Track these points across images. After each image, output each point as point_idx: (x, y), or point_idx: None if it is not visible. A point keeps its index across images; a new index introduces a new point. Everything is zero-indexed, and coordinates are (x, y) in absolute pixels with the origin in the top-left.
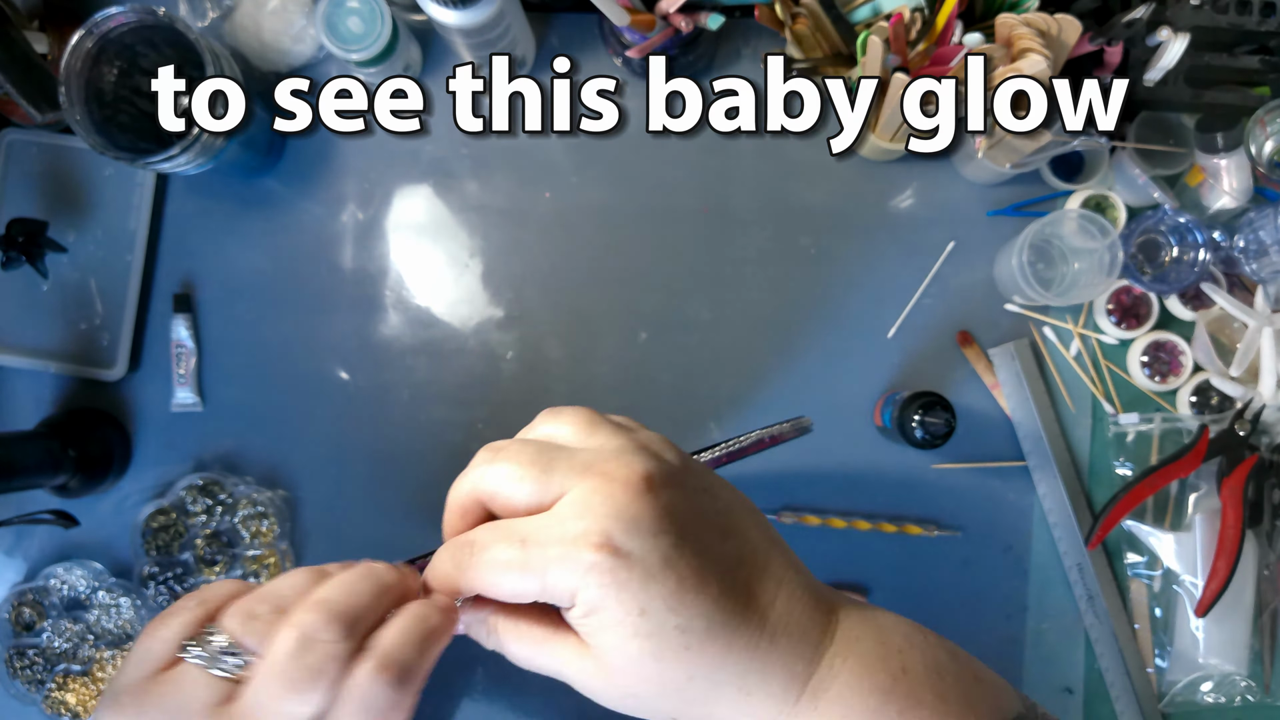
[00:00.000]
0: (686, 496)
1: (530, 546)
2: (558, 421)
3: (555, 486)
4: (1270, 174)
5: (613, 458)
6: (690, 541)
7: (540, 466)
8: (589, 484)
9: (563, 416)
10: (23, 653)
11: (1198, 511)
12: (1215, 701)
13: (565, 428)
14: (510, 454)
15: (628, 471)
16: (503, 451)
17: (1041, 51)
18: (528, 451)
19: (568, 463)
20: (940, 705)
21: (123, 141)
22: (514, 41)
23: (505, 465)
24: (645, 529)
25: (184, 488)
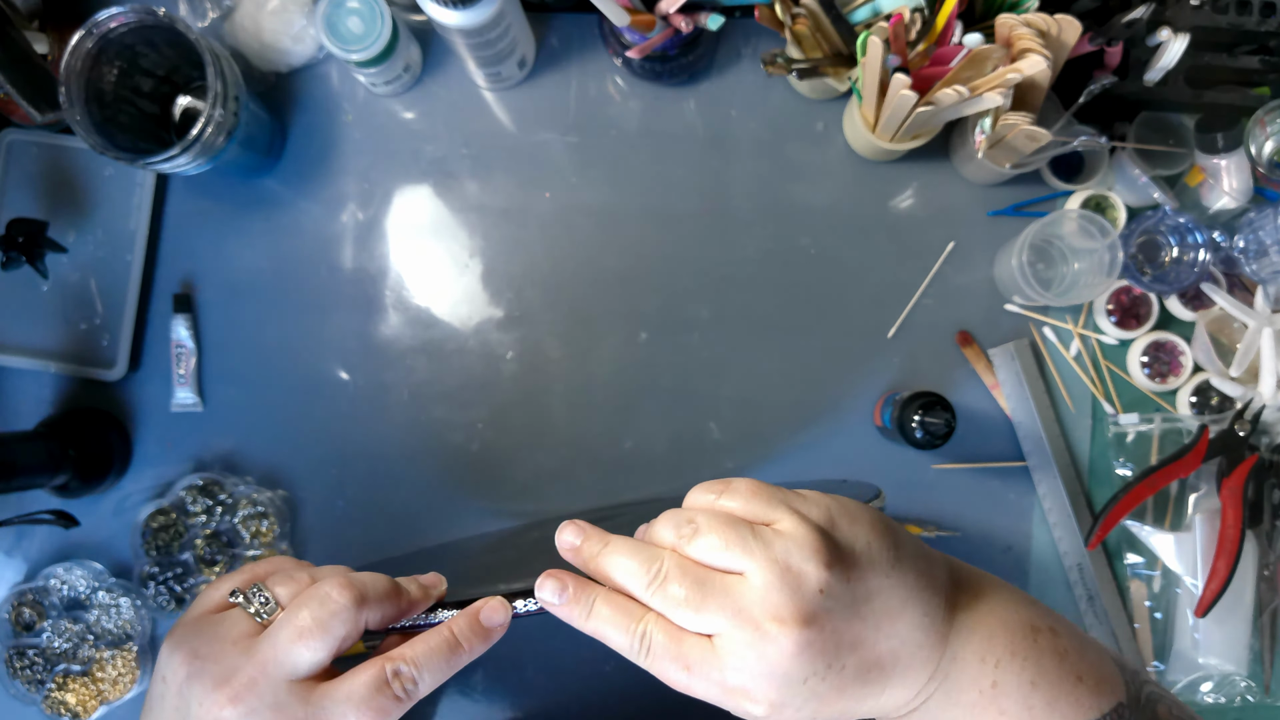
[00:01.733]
0: (835, 620)
1: (695, 678)
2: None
3: (707, 625)
4: (1270, 174)
5: (766, 599)
6: (834, 668)
7: (696, 604)
8: (746, 638)
9: (736, 492)
10: (23, 653)
11: (1198, 511)
12: (1215, 702)
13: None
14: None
15: (780, 628)
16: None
17: (1041, 51)
18: (688, 581)
19: (719, 603)
20: (1024, 715)
21: (123, 141)
22: (514, 42)
23: (666, 594)
24: (796, 680)
25: (184, 488)
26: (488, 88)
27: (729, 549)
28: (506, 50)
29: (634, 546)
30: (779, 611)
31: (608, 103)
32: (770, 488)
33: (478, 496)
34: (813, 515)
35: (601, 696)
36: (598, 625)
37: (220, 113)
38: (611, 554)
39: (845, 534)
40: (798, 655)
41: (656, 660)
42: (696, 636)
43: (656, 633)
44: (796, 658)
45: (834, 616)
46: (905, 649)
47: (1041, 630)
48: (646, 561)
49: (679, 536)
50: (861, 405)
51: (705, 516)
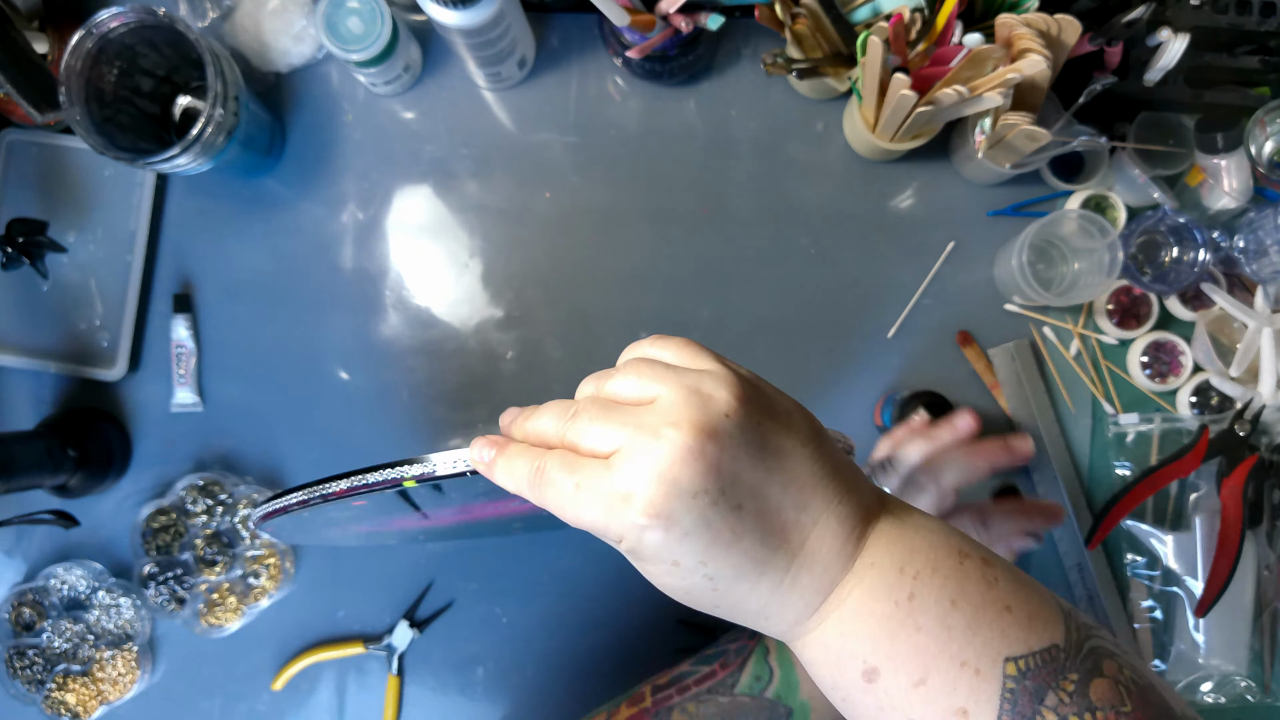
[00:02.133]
0: (736, 448)
1: (583, 492)
2: (659, 347)
3: (608, 439)
4: (1270, 174)
5: (669, 411)
6: (729, 497)
7: (601, 421)
8: (641, 443)
9: (667, 344)
10: (23, 653)
11: (1198, 511)
12: (1215, 702)
13: (666, 352)
14: (583, 411)
15: (677, 431)
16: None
17: (1041, 51)
18: (596, 407)
19: (623, 418)
20: (941, 634)
21: (123, 141)
22: (514, 42)
23: (576, 423)
24: (685, 490)
25: (184, 488)
26: (488, 88)
27: (643, 379)
28: (506, 50)
29: (556, 402)
30: (678, 419)
31: (608, 103)
32: (706, 348)
33: None
34: (742, 370)
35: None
36: (506, 472)
37: (220, 113)
38: (536, 412)
39: (769, 392)
40: (689, 460)
41: (549, 483)
42: (592, 458)
43: (552, 461)
44: (687, 463)
45: (735, 445)
46: (816, 529)
47: (970, 556)
48: (564, 408)
49: (599, 383)
50: (861, 405)
51: (628, 363)
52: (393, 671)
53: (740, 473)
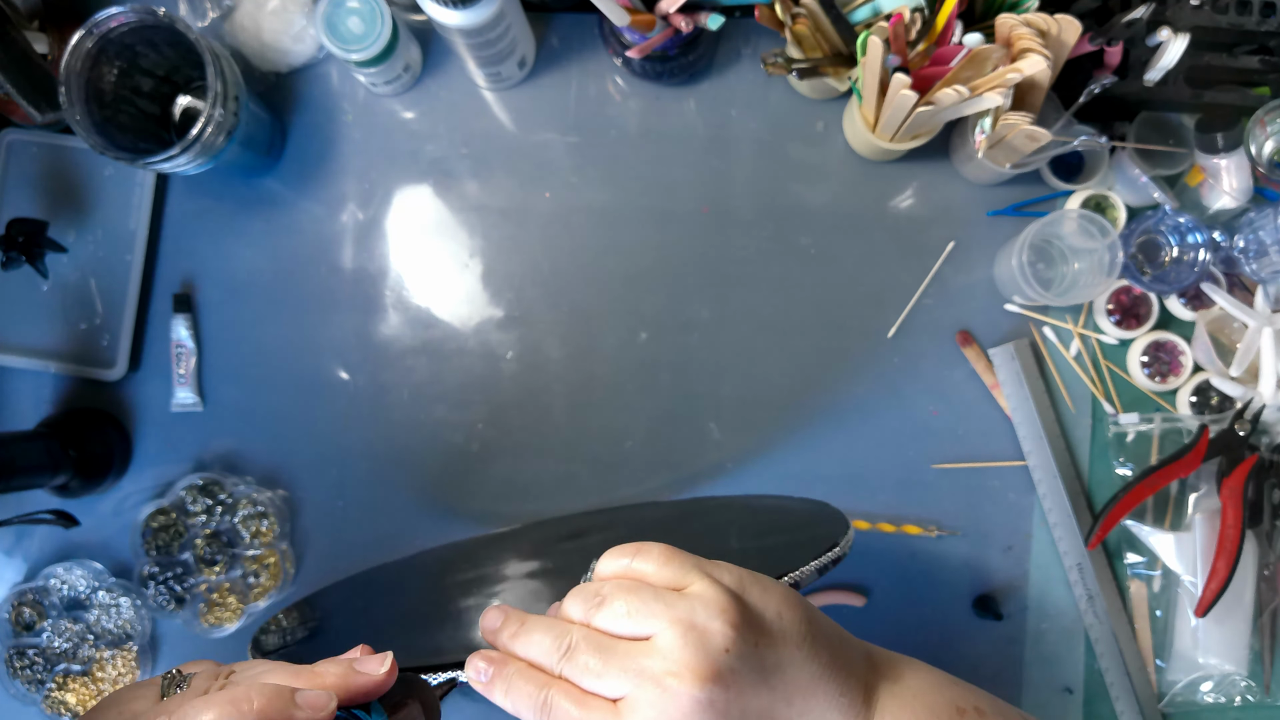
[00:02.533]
0: (740, 683)
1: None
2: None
3: (612, 688)
4: (1270, 174)
5: (669, 656)
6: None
7: (600, 668)
8: (647, 696)
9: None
10: (23, 653)
11: (1198, 511)
12: (1215, 701)
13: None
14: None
15: (680, 683)
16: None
17: (1041, 51)
18: (592, 648)
19: (622, 665)
20: None
21: (123, 141)
22: (514, 42)
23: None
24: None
25: (184, 488)
26: (488, 88)
27: (634, 614)
28: (506, 50)
29: (547, 624)
30: (681, 667)
31: (608, 103)
32: (682, 554)
33: (477, 496)
34: (724, 579)
35: None
36: (513, 699)
37: (220, 113)
38: (526, 632)
39: (756, 600)
40: (699, 712)
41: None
42: (601, 701)
43: (559, 696)
44: (697, 714)
45: (740, 679)
46: (816, 709)
47: (967, 711)
48: (557, 636)
49: (587, 609)
50: (861, 405)
51: (613, 586)
52: None
53: (746, 703)
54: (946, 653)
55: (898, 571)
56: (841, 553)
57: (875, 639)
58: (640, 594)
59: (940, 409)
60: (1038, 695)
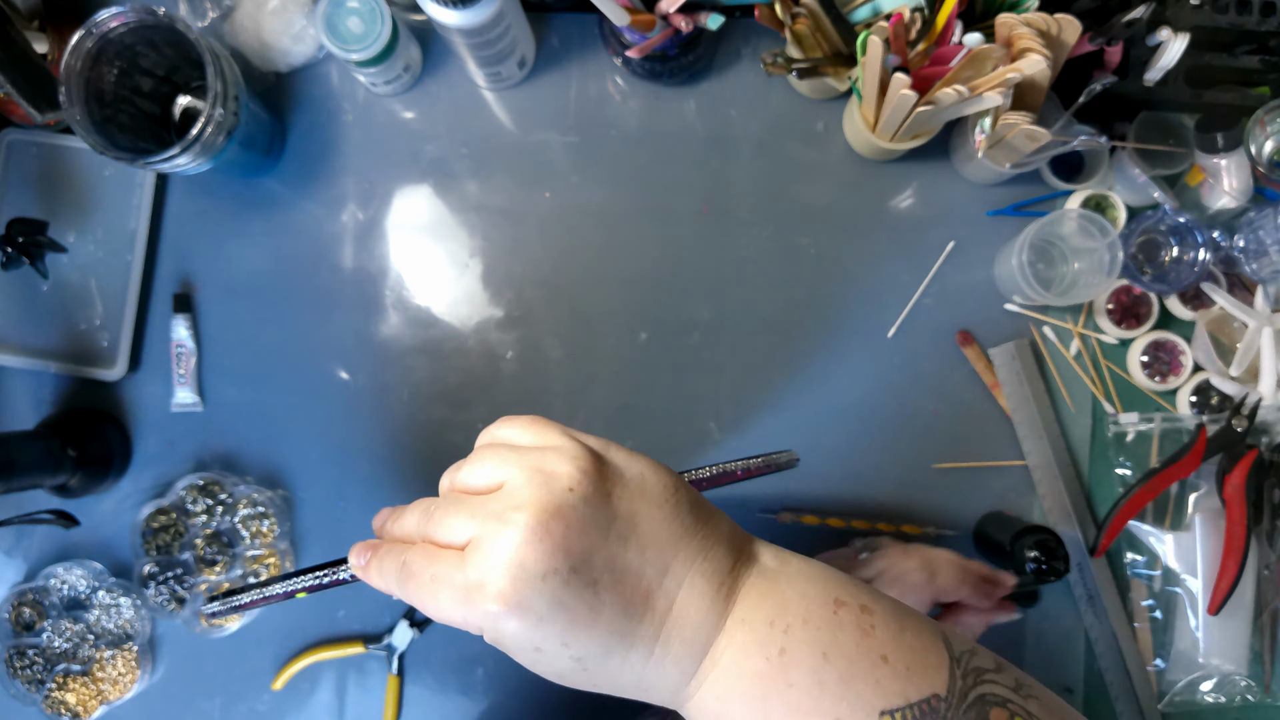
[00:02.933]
0: (583, 522)
1: (439, 584)
2: (508, 428)
3: (459, 530)
4: (1270, 174)
5: (514, 495)
6: (582, 574)
7: (453, 514)
8: (489, 531)
9: (514, 423)
10: (23, 653)
11: (1198, 511)
12: (1215, 701)
13: (514, 432)
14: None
15: (521, 514)
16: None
17: (1041, 51)
18: (448, 501)
19: (471, 509)
20: (814, 689)
21: (123, 141)
22: (514, 41)
23: (433, 519)
24: (534, 574)
25: (184, 488)
26: (488, 88)
27: (490, 465)
28: (506, 50)
29: (419, 502)
30: (523, 501)
31: (608, 103)
32: (550, 422)
33: None
34: (587, 440)
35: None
36: (379, 574)
37: (220, 112)
38: (400, 513)
39: (619, 460)
40: (533, 542)
41: (410, 577)
42: (450, 551)
43: (412, 555)
44: (531, 545)
45: (582, 518)
46: (681, 592)
47: (847, 604)
48: (424, 507)
49: (453, 475)
50: (861, 405)
51: (480, 449)
52: (393, 671)
53: (591, 547)
54: None
55: None
56: (766, 463)
57: None
58: (500, 448)
59: (940, 409)
60: None
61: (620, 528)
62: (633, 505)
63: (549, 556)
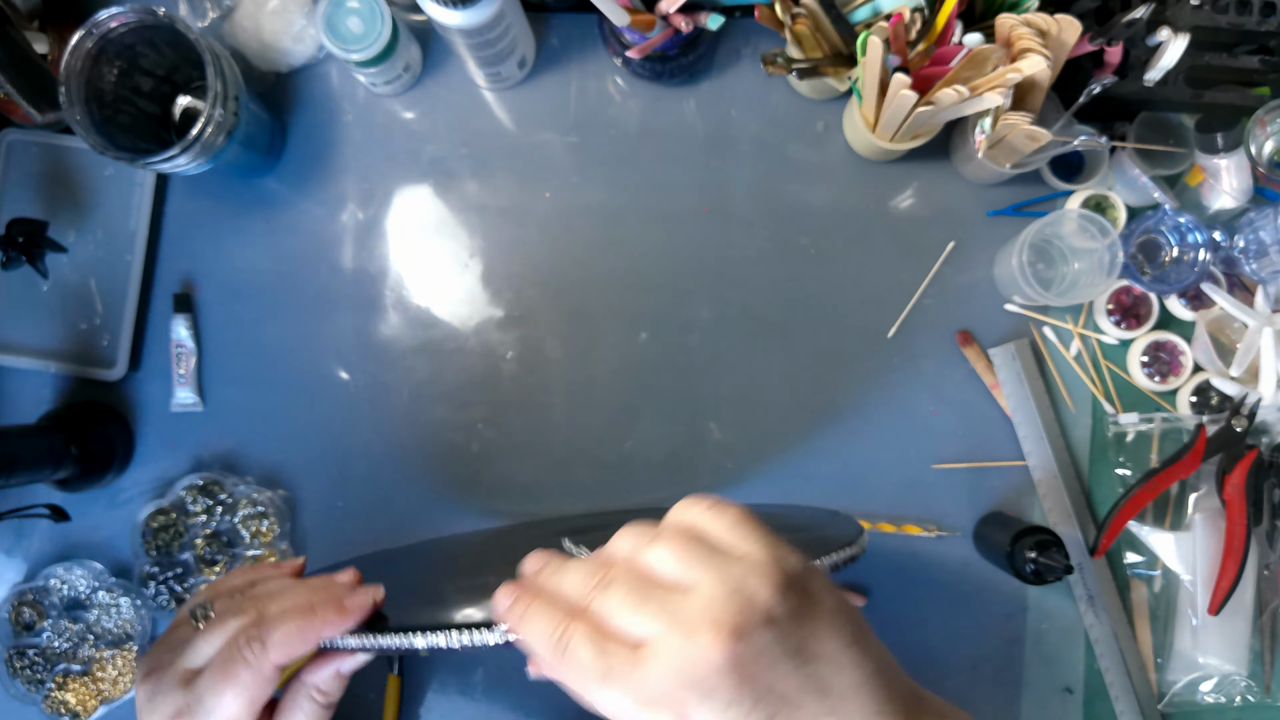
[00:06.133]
0: (774, 657)
1: (609, 683)
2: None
3: (641, 626)
4: (1270, 174)
5: (708, 608)
6: (762, 707)
7: (634, 603)
8: (674, 643)
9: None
10: (23, 653)
11: (1198, 511)
12: (1215, 701)
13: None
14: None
15: (714, 637)
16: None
17: (1041, 51)
18: (630, 583)
19: (658, 606)
20: None
21: (123, 141)
22: (514, 42)
23: (606, 595)
24: (719, 701)
25: (184, 488)
26: (488, 88)
27: (683, 561)
28: (506, 50)
29: (589, 560)
30: (718, 618)
31: (608, 103)
32: (758, 520)
33: (477, 496)
34: (790, 559)
35: None
36: (526, 631)
37: (220, 113)
38: (567, 568)
39: (815, 587)
40: (726, 671)
41: (571, 661)
42: (622, 644)
43: (578, 635)
44: (724, 674)
45: (773, 652)
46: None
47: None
48: (596, 570)
49: (637, 545)
50: (861, 405)
51: (672, 530)
52: (393, 671)
53: (775, 681)
54: (947, 653)
55: (898, 571)
56: (856, 551)
57: None
58: (699, 544)
59: (940, 409)
60: (1038, 695)
61: (806, 667)
62: (822, 645)
63: (735, 689)
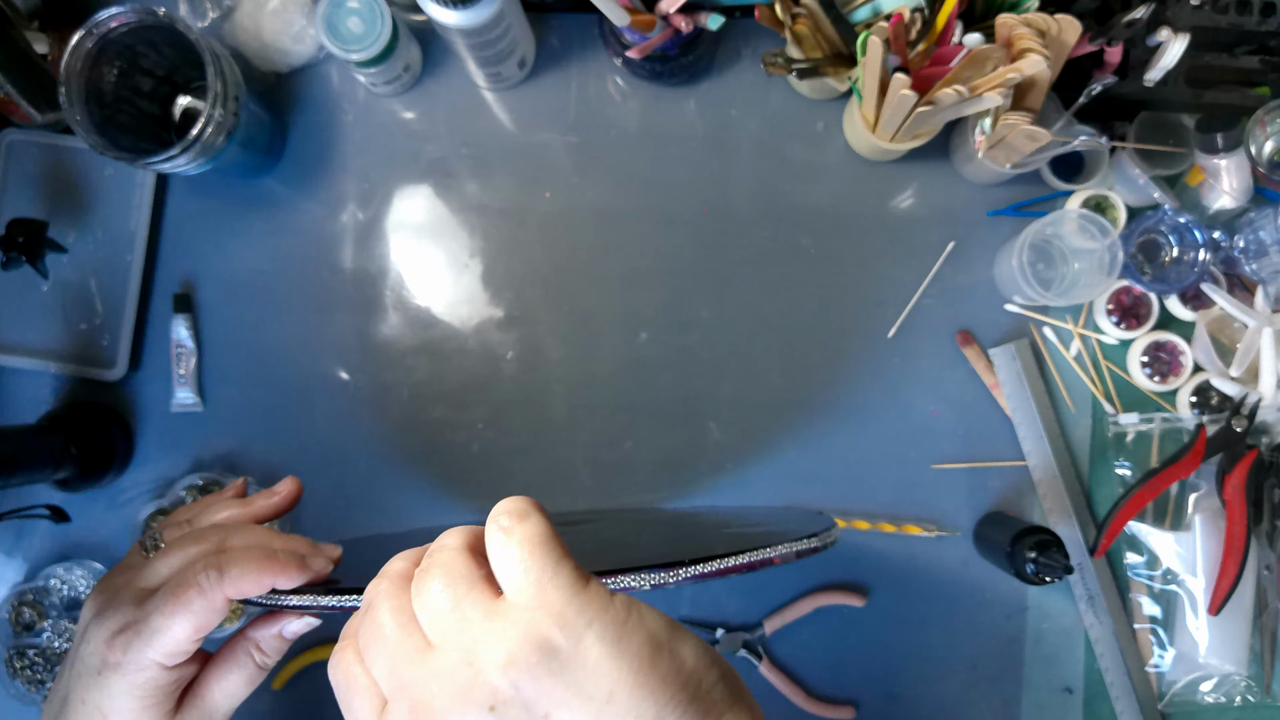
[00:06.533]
0: None
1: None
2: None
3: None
4: (1270, 174)
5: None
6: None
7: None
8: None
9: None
10: (23, 653)
11: (1198, 511)
12: (1215, 701)
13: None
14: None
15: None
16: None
17: (1041, 51)
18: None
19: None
20: None
21: (123, 141)
22: (514, 42)
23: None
24: None
25: (184, 488)
26: (488, 88)
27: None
28: (506, 50)
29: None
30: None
31: (608, 103)
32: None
33: (477, 496)
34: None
35: None
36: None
37: (220, 113)
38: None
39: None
40: None
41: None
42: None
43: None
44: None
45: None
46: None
47: None
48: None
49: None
50: (861, 405)
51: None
52: None
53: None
54: (947, 653)
55: (898, 571)
56: (819, 544)
57: (876, 639)
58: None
59: (940, 409)
60: (1038, 695)
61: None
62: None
63: None
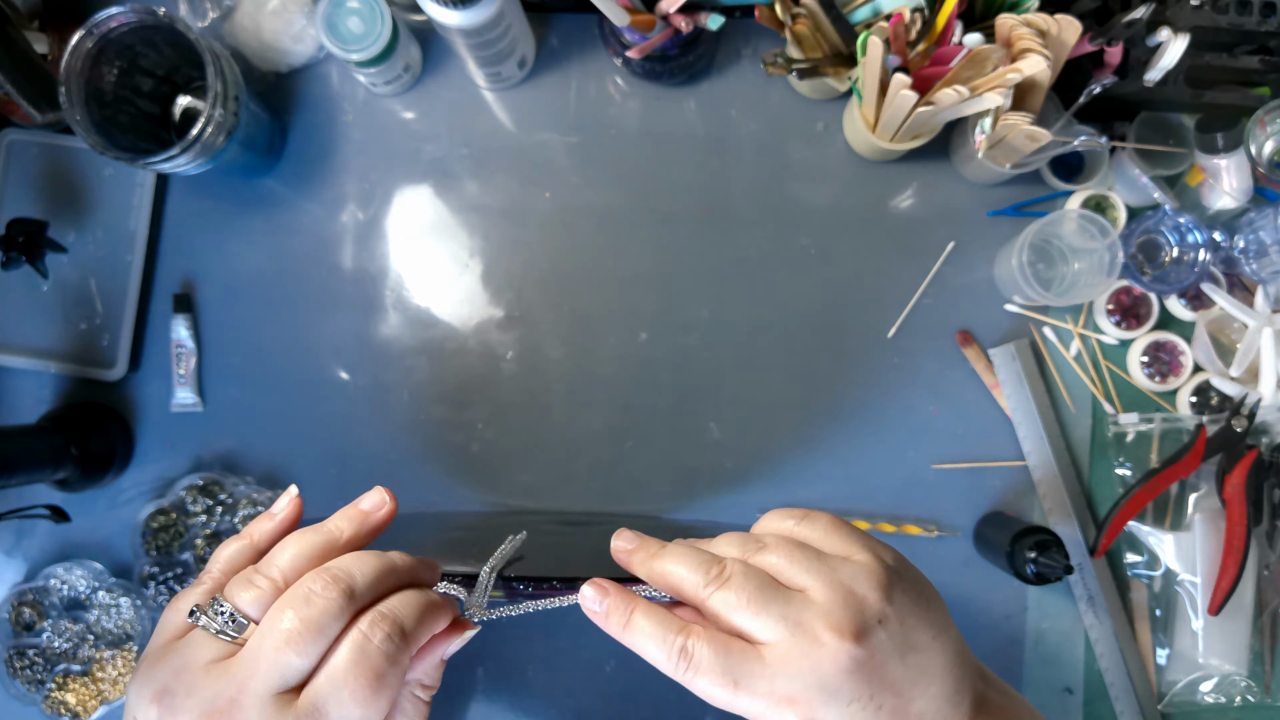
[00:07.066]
0: (887, 653)
1: (742, 690)
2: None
3: (764, 630)
4: (1270, 174)
5: (827, 614)
6: (876, 699)
7: (757, 607)
8: (802, 647)
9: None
10: (23, 653)
11: (1198, 511)
12: (1215, 701)
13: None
14: (736, 583)
15: (837, 640)
16: (729, 578)
17: (1041, 51)
18: (751, 585)
19: (781, 610)
20: None
21: (123, 141)
22: (514, 42)
23: (727, 593)
24: (843, 699)
25: (184, 488)
26: (488, 88)
27: (794, 565)
28: (506, 50)
29: (694, 551)
30: (839, 625)
31: (608, 103)
32: (849, 526)
33: (477, 496)
34: (885, 556)
35: (603, 696)
36: (635, 637)
37: (220, 113)
38: (669, 554)
39: (911, 582)
40: (850, 672)
41: (701, 674)
42: (745, 647)
43: (701, 645)
44: (848, 674)
45: (885, 649)
46: (935, 718)
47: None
48: (707, 563)
49: (744, 549)
50: (861, 405)
51: (775, 538)
52: None
53: (887, 674)
54: None
55: None
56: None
57: None
58: (804, 549)
59: (940, 409)
60: (1038, 695)
61: (909, 658)
62: (917, 637)
63: (858, 685)
